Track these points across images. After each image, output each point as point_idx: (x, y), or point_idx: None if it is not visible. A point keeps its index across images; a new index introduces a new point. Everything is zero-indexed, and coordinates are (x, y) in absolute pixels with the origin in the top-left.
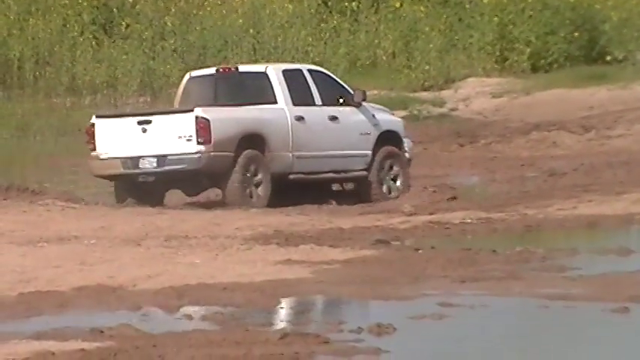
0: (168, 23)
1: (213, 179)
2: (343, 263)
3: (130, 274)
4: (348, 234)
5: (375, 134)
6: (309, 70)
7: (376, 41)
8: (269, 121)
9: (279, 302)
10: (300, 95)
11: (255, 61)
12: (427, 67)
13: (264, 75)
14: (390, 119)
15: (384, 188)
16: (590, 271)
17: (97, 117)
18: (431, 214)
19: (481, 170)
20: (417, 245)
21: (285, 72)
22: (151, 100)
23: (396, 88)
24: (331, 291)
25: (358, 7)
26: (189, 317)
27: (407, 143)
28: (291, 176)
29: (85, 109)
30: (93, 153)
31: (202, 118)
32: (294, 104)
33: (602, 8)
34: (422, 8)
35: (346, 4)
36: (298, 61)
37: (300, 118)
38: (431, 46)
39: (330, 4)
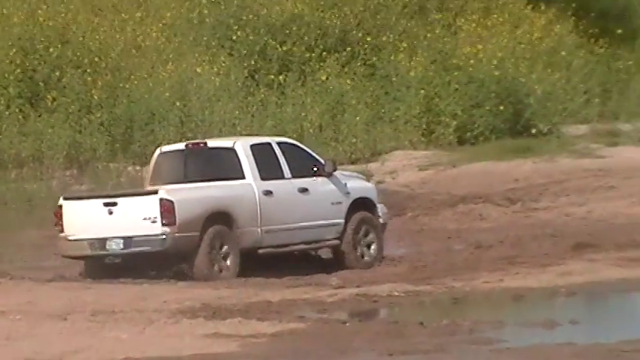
0: (95, 96)
1: (179, 258)
2: (271, 337)
3: (56, 349)
4: (276, 307)
5: (347, 203)
6: (279, 143)
7: (303, 114)
8: (236, 197)
9: None
10: (268, 169)
11: (183, 134)
12: (354, 140)
13: (232, 150)
14: (363, 186)
15: (359, 254)
16: (516, 343)
17: (65, 199)
18: (358, 286)
19: (408, 242)
20: (345, 318)
21: (253, 146)
22: (77, 174)
23: None
24: None
25: (285, 80)
26: None
27: (381, 209)
28: (261, 250)
29: (10, 183)
30: (61, 234)
31: (166, 200)
32: (263, 179)
33: (526, 82)
34: (348, 81)
35: (273, 77)
36: (225, 134)
37: (268, 193)
38: (357, 118)
39: (257, 77)
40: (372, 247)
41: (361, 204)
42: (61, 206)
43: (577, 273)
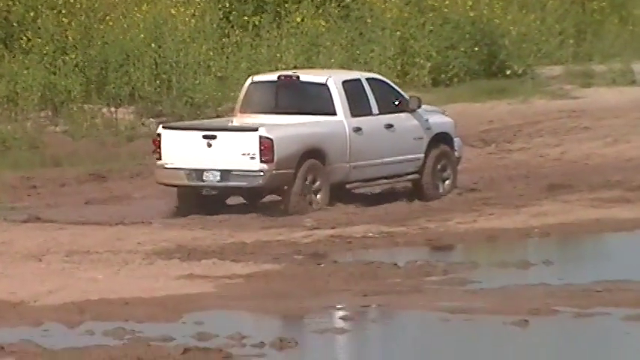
0: (70, 37)
1: (274, 192)
2: (246, 277)
3: (31, 289)
4: (251, 248)
5: (427, 138)
6: (368, 79)
7: (278, 55)
8: (329, 135)
9: (181, 317)
10: (358, 106)
11: (157, 76)
12: None
13: (324, 86)
14: (442, 121)
15: (439, 187)
16: (490, 284)
17: (164, 127)
18: (333, 228)
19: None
20: (319, 259)
21: (344, 83)
22: (52, 115)
23: None
24: (234, 305)
25: (260, 22)
26: (91, 332)
27: (457, 143)
28: (348, 185)
29: None
30: (158, 162)
31: (266, 137)
32: (353, 115)
33: (501, 23)
34: (323, 23)
35: (248, 19)
36: (200, 75)
37: (357, 129)
38: (332, 60)
39: (231, 18)
40: (448, 179)
41: (440, 138)
42: (159, 134)
43: (551, 214)
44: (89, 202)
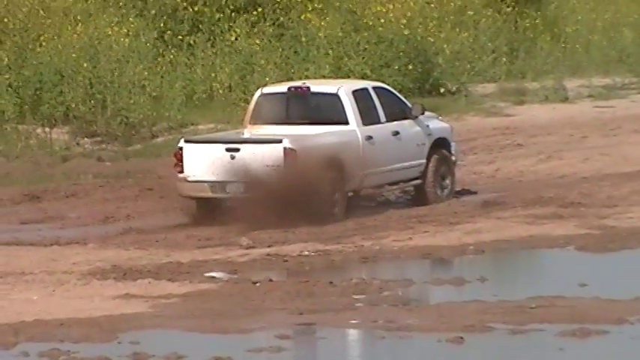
0: (4, 58)
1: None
2: (182, 297)
3: None
4: (187, 268)
5: (428, 143)
6: (374, 88)
7: (212, 75)
8: (345, 144)
9: (117, 337)
10: (367, 115)
11: (91, 96)
12: None
13: (335, 96)
14: (441, 127)
15: (438, 192)
16: (425, 301)
17: (186, 141)
18: (269, 246)
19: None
20: (256, 278)
21: (354, 92)
22: None
23: (233, 122)
24: (170, 325)
25: (195, 41)
26: (26, 354)
27: (453, 147)
28: (361, 192)
29: None
30: (180, 175)
31: (290, 149)
32: (364, 124)
33: (434, 41)
34: (257, 42)
35: (182, 38)
36: (134, 95)
37: (369, 138)
38: (267, 79)
39: (166, 38)
40: (447, 183)
41: (440, 143)
42: (181, 148)
43: (485, 231)
44: (24, 223)
